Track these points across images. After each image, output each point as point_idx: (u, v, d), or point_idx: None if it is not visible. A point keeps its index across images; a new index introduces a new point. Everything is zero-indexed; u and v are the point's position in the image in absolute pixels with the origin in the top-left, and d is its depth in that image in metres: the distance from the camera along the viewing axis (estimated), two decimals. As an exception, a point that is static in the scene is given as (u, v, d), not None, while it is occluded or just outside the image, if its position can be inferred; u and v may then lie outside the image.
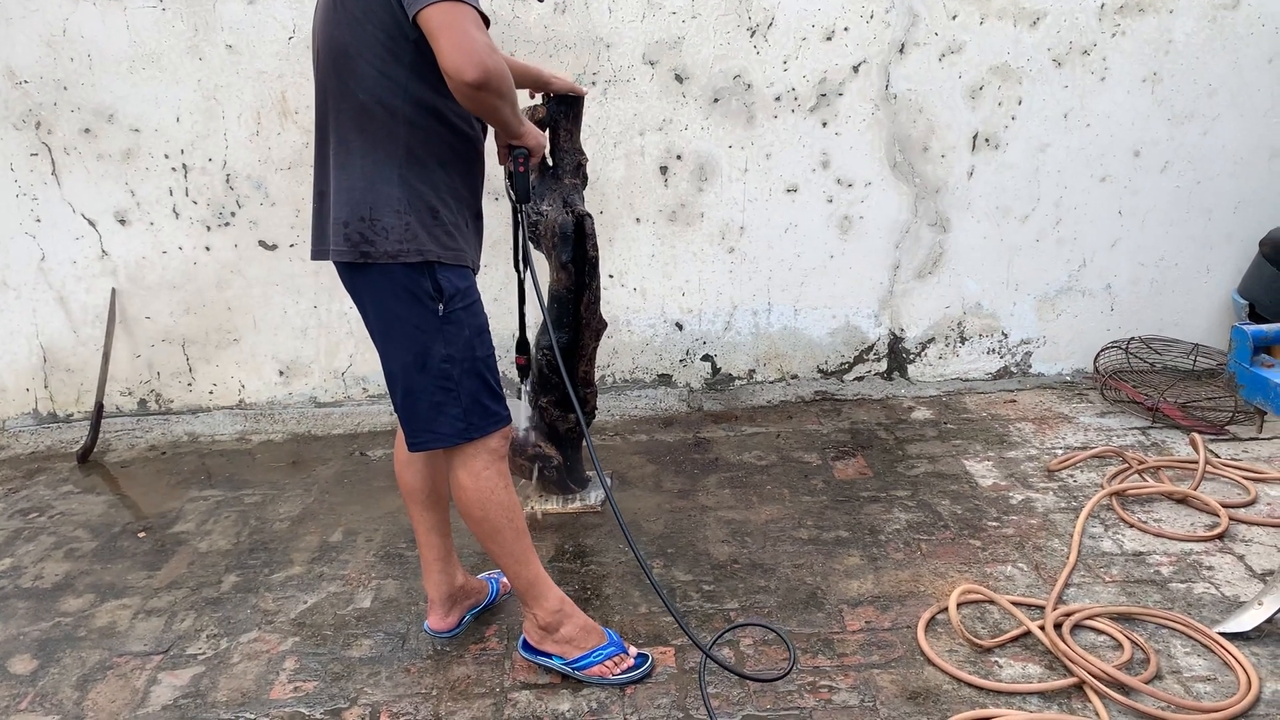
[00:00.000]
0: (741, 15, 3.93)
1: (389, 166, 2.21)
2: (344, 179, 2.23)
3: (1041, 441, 3.75)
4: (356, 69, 2.17)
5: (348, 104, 2.20)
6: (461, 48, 2.00)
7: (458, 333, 2.30)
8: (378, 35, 2.13)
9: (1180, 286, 4.30)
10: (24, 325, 4.20)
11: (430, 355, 2.28)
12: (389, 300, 2.26)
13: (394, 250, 2.21)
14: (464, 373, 2.32)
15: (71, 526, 3.49)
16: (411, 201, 2.22)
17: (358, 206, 2.20)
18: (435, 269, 2.24)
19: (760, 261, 4.23)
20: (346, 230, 2.21)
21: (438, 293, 2.26)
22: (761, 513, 3.32)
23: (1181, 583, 2.80)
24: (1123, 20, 3.97)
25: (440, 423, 2.34)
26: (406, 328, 2.27)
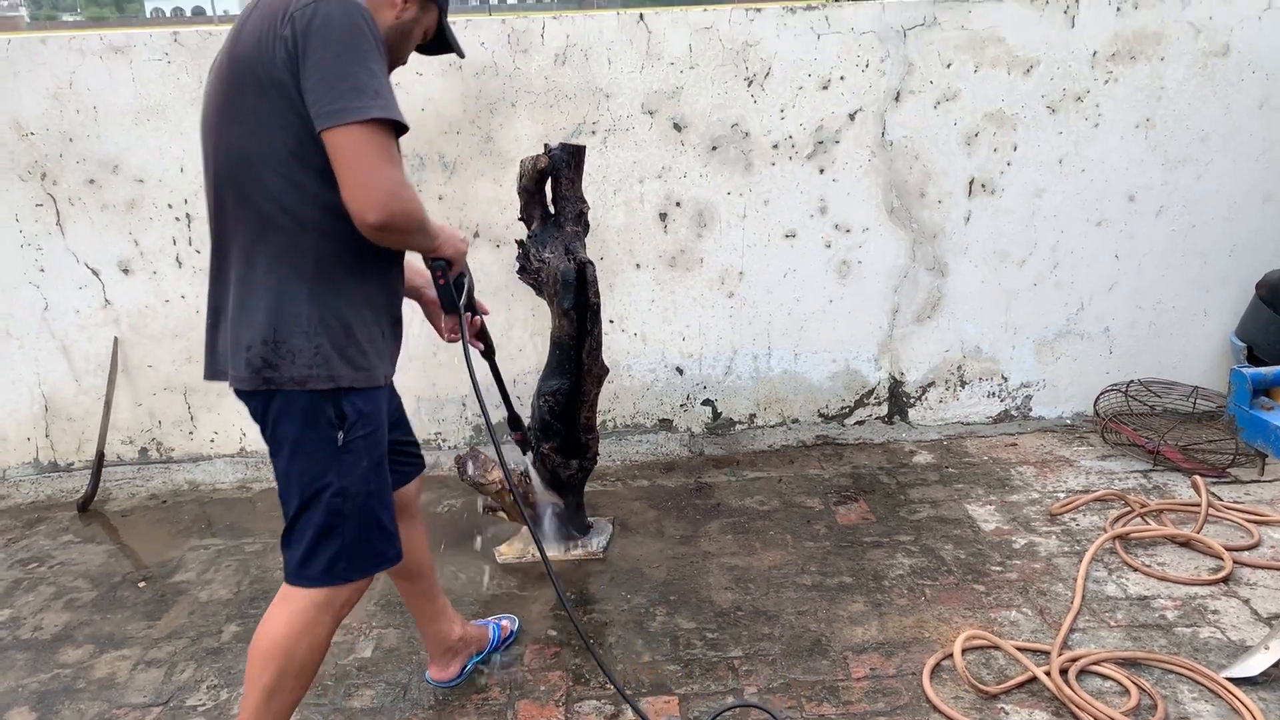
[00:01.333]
0: (739, 65, 3.99)
1: (296, 282, 1.98)
2: (244, 297, 2.00)
3: (1043, 485, 3.75)
4: (259, 176, 1.96)
5: (248, 213, 1.98)
6: (365, 186, 1.85)
7: (355, 464, 2.07)
8: (283, 139, 1.92)
9: (1178, 329, 4.32)
10: (26, 374, 4.21)
11: (322, 488, 2.05)
12: (284, 423, 2.03)
13: (301, 376, 1.98)
14: (355, 508, 2.09)
15: (71, 576, 3.48)
16: (323, 320, 2.00)
17: (260, 329, 1.98)
18: (342, 395, 2.03)
19: (760, 306, 4.25)
20: (248, 355, 1.98)
21: (339, 419, 2.04)
22: (764, 559, 3.31)
23: (1187, 627, 2.79)
24: (1115, 67, 4.02)
25: (316, 559, 2.08)
26: (299, 454, 2.04)
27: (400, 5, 2.10)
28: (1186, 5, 3.98)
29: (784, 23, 3.97)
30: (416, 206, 1.95)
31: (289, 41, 1.88)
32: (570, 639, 2.91)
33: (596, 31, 3.97)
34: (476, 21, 3.99)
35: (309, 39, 1.86)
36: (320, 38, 1.86)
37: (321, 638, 2.14)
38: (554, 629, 2.97)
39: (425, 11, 2.17)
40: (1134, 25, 3.99)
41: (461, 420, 4.34)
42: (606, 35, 3.96)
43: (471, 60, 3.94)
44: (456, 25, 3.95)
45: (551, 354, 3.25)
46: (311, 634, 2.11)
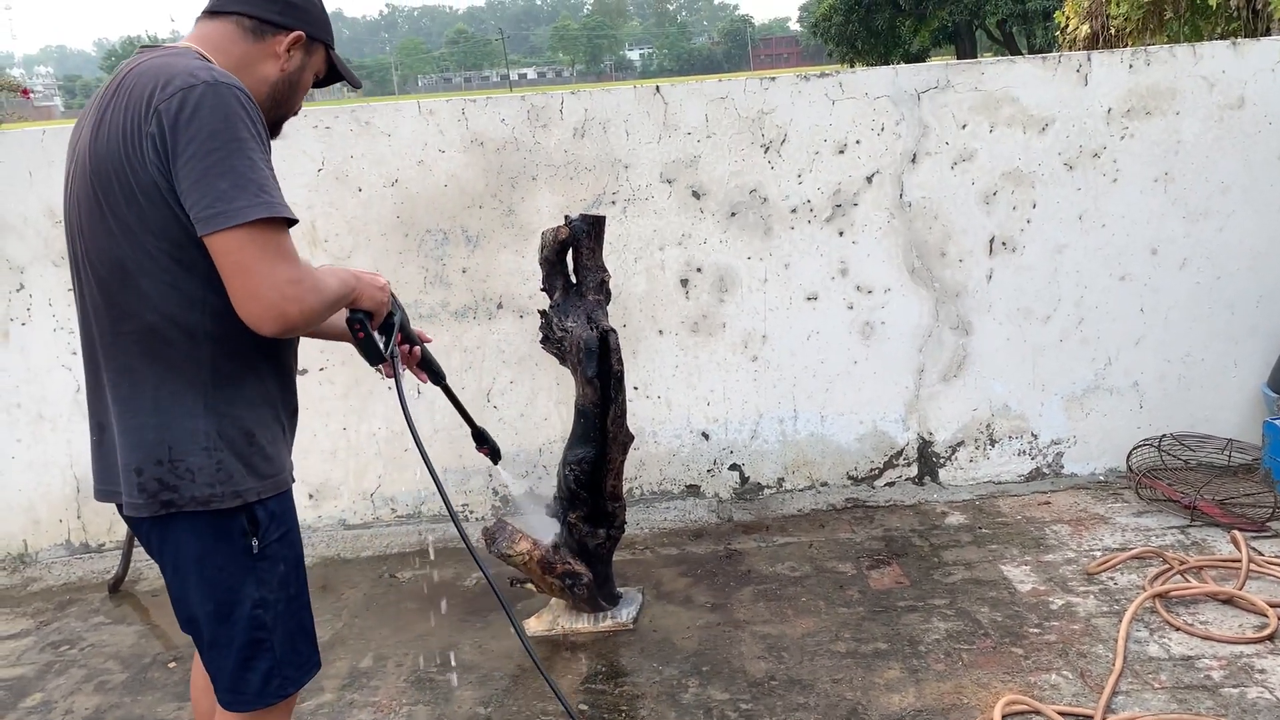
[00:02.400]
0: (755, 133, 4.04)
1: (191, 395, 1.82)
2: (130, 416, 1.83)
3: (1079, 543, 3.69)
4: (141, 288, 1.78)
5: (130, 325, 1.81)
6: (256, 297, 1.69)
7: (272, 570, 1.91)
8: (163, 247, 1.76)
9: (1208, 382, 4.28)
10: (59, 456, 4.25)
11: (240, 602, 1.88)
12: (191, 542, 1.85)
13: (204, 495, 1.81)
14: (278, 617, 1.93)
15: (102, 658, 3.47)
16: (223, 432, 1.84)
17: (152, 449, 1.81)
18: (253, 505, 1.87)
19: (784, 369, 4.25)
20: (140, 480, 1.81)
21: (252, 525, 1.87)
22: (797, 626, 3.27)
23: (1234, 687, 2.72)
24: (1130, 123, 4.05)
25: (248, 681, 1.92)
26: (208, 570, 1.86)
27: (283, 56, 1.96)
28: (1199, 60, 4.01)
29: (798, 90, 4.03)
30: (316, 297, 1.77)
31: (156, 140, 1.72)
32: (603, 713, 2.87)
33: (614, 105, 4.04)
34: (497, 99, 4.08)
35: (178, 135, 1.70)
36: (191, 132, 1.70)
37: None
38: (585, 703, 2.94)
39: (311, 54, 2.03)
40: (1147, 81, 4.02)
41: (488, 491, 4.34)
42: (624, 108, 4.04)
43: (493, 136, 4.02)
44: (477, 104, 4.05)
45: (576, 422, 3.25)
46: None
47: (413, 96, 11.13)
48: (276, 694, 1.95)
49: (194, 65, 1.78)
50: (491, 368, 4.20)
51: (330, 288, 1.83)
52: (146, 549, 1.95)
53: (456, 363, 4.19)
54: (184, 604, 1.92)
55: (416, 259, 4.13)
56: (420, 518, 4.36)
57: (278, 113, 2.02)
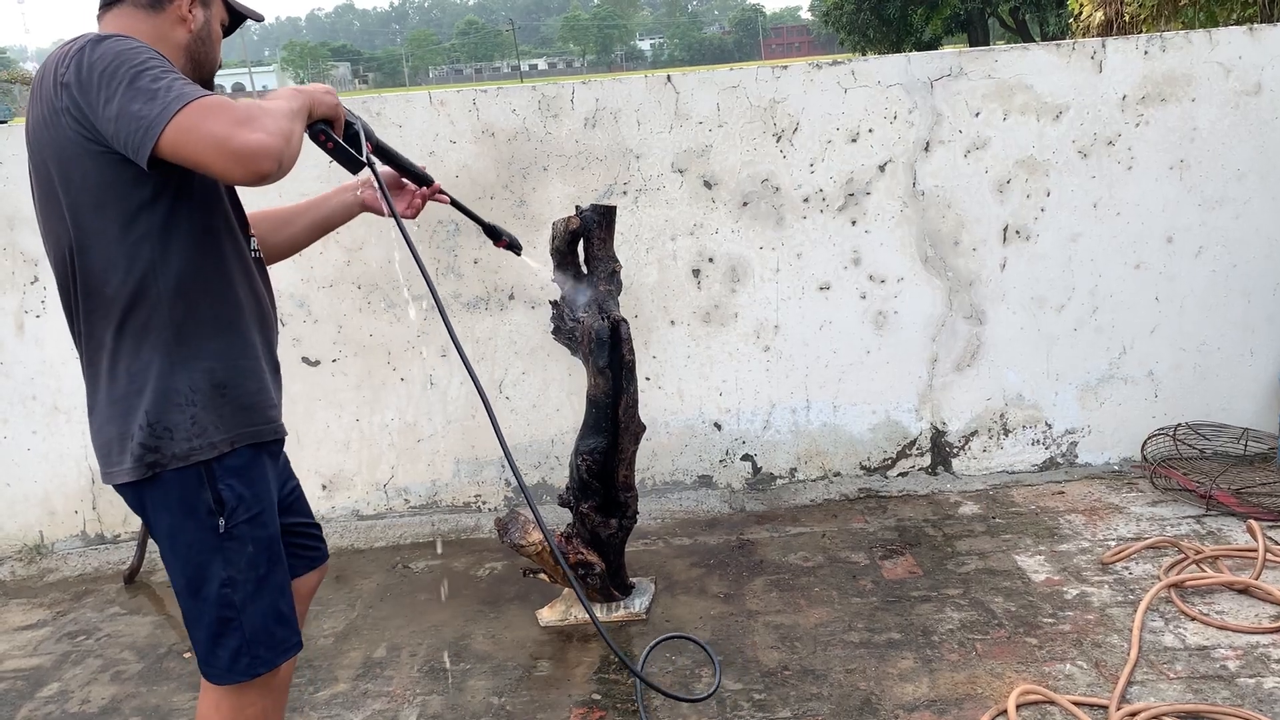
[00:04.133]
0: (767, 122, 4.03)
1: (160, 358, 1.90)
2: (111, 389, 1.92)
3: (1093, 533, 3.67)
4: (93, 264, 1.87)
5: (94, 303, 1.90)
6: (224, 150, 1.69)
7: (240, 550, 1.97)
8: (110, 216, 1.84)
9: (1224, 370, 4.25)
10: (74, 448, 4.28)
11: (208, 579, 1.95)
12: (163, 513, 1.95)
13: (184, 450, 1.90)
14: (248, 597, 1.98)
15: (118, 649, 3.49)
16: (194, 386, 1.92)
17: (131, 415, 1.90)
18: (217, 474, 1.93)
19: (796, 359, 4.24)
20: (125, 444, 1.90)
21: (218, 505, 1.94)
22: (810, 616, 3.26)
23: (1250, 677, 2.70)
24: (1145, 110, 4.01)
25: (218, 656, 1.99)
26: (179, 545, 1.95)
27: (187, 16, 2.00)
28: (1215, 46, 3.97)
29: (810, 79, 4.01)
30: (274, 119, 1.76)
31: (72, 109, 1.77)
32: (615, 702, 2.88)
33: (625, 95, 4.03)
34: (508, 89, 4.07)
35: (86, 93, 1.75)
36: (94, 83, 1.75)
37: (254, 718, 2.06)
38: (597, 693, 2.94)
39: (210, 5, 2.06)
40: (1163, 68, 3.99)
41: (500, 482, 4.34)
42: (635, 98, 4.02)
43: (504, 127, 4.01)
44: (488, 95, 4.04)
45: (588, 413, 3.25)
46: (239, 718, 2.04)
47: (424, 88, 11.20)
48: (245, 672, 2.01)
49: (83, 37, 1.84)
50: (503, 359, 4.20)
51: (280, 107, 1.83)
52: (138, 513, 2.02)
53: (468, 354, 4.18)
54: (170, 576, 2.01)
55: (428, 250, 4.13)
56: (433, 508, 4.36)
57: (201, 73, 2.05)
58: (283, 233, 2.40)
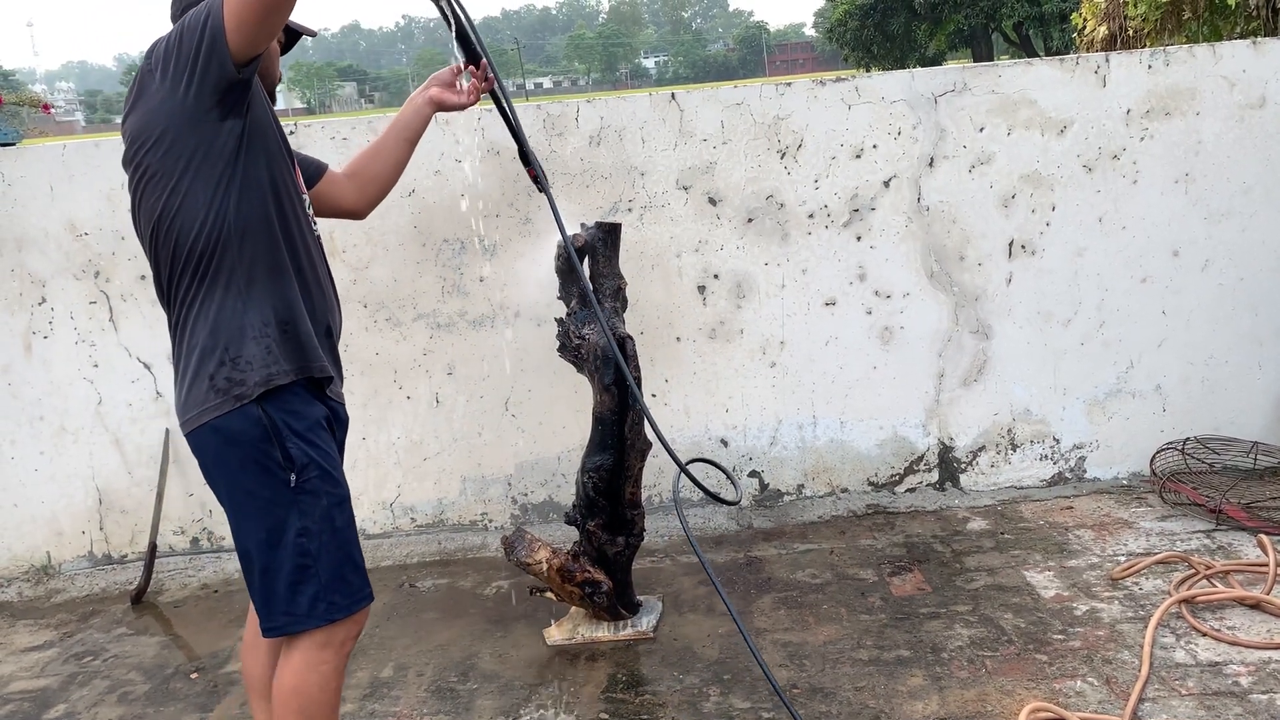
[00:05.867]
0: (771, 139, 4.04)
1: (234, 299, 2.13)
2: (193, 339, 2.14)
3: (1102, 549, 3.65)
4: (184, 223, 2.10)
5: (185, 260, 2.13)
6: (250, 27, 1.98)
7: (314, 503, 2.16)
8: (202, 174, 2.09)
9: (1232, 384, 4.23)
10: (81, 468, 4.28)
11: (285, 529, 2.13)
12: (237, 474, 2.14)
13: (263, 377, 2.11)
14: (323, 546, 2.16)
15: (125, 669, 3.49)
16: (265, 320, 2.15)
17: (214, 354, 2.12)
18: (286, 437, 2.13)
19: (803, 375, 4.24)
20: (214, 382, 2.11)
21: (288, 461, 2.13)
22: (819, 633, 3.25)
23: (1263, 693, 2.68)
24: (1150, 124, 4.01)
25: (298, 603, 2.15)
26: (257, 502, 2.14)
27: None
28: (1219, 60, 3.98)
29: (814, 95, 4.02)
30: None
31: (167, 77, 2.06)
32: (623, 721, 2.86)
33: (629, 112, 4.04)
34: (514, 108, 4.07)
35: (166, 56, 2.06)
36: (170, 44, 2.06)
37: (329, 674, 2.21)
38: (605, 712, 2.93)
39: None
40: (1167, 82, 3.99)
41: (507, 500, 4.34)
42: (640, 115, 4.04)
43: (509, 145, 4.01)
44: (493, 113, 4.04)
45: (594, 430, 3.25)
46: (316, 673, 2.19)
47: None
48: (323, 616, 2.16)
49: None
50: (510, 377, 4.20)
51: None
52: (201, 464, 2.19)
53: (475, 371, 4.19)
54: (239, 535, 2.18)
55: (434, 268, 4.14)
56: (440, 527, 4.36)
57: (266, 86, 2.30)
58: (378, 163, 2.72)
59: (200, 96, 2.05)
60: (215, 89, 2.05)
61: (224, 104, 2.08)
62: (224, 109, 2.08)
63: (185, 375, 2.17)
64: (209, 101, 2.06)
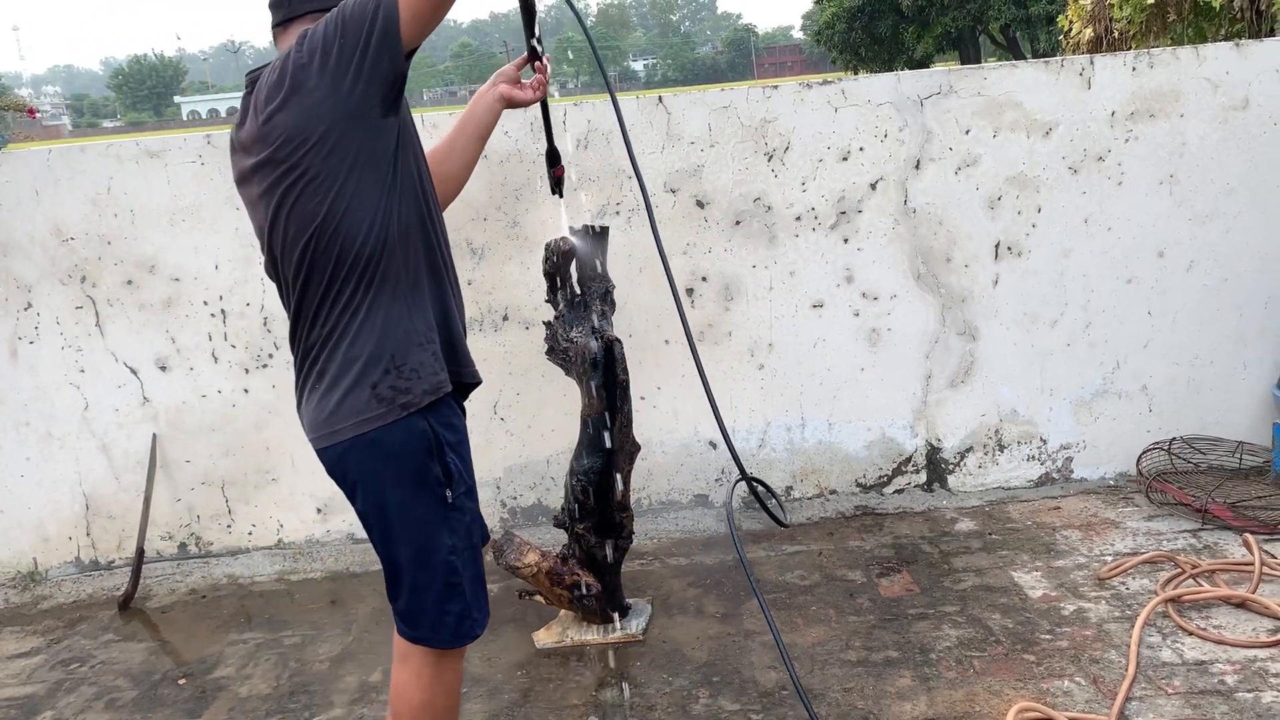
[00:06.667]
0: (758, 142, 4.04)
1: (399, 304, 2.08)
2: (353, 347, 2.07)
3: (1090, 549, 3.67)
4: (349, 226, 2.03)
5: (349, 265, 2.05)
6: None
7: (460, 520, 2.16)
8: (367, 176, 2.03)
9: (1218, 384, 4.26)
10: (68, 474, 4.26)
11: (436, 547, 2.13)
12: (392, 488, 2.09)
13: (432, 385, 2.08)
14: (465, 563, 2.17)
15: (112, 676, 3.47)
16: (429, 324, 2.13)
17: (378, 363, 2.05)
18: (444, 448, 2.11)
19: (791, 377, 4.24)
20: (377, 390, 2.05)
21: (446, 477, 2.11)
22: (807, 635, 3.25)
23: (1248, 692, 2.69)
24: (1134, 126, 4.03)
25: (444, 621, 2.17)
26: (411, 518, 2.11)
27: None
28: (1202, 62, 4.00)
29: (801, 98, 4.03)
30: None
31: (313, 71, 1.98)
32: (612, 724, 2.86)
33: (617, 115, 4.03)
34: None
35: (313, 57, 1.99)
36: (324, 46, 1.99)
37: (453, 681, 2.26)
38: (594, 715, 2.93)
39: None
40: (1151, 84, 4.01)
41: (496, 503, 4.33)
42: (627, 119, 4.03)
43: (496, 149, 4.02)
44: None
45: (583, 433, 3.25)
46: (443, 681, 2.23)
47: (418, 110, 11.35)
48: (467, 634, 2.20)
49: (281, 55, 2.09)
50: (498, 380, 4.20)
51: None
52: (340, 479, 2.15)
53: (463, 375, 4.18)
54: (389, 549, 2.16)
55: (422, 272, 4.13)
56: (429, 531, 4.34)
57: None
58: (451, 161, 2.60)
59: (368, 92, 1.99)
60: (384, 84, 1.99)
61: (386, 100, 2.02)
62: (385, 105, 2.02)
63: (338, 385, 2.08)
64: (375, 98, 2.00)
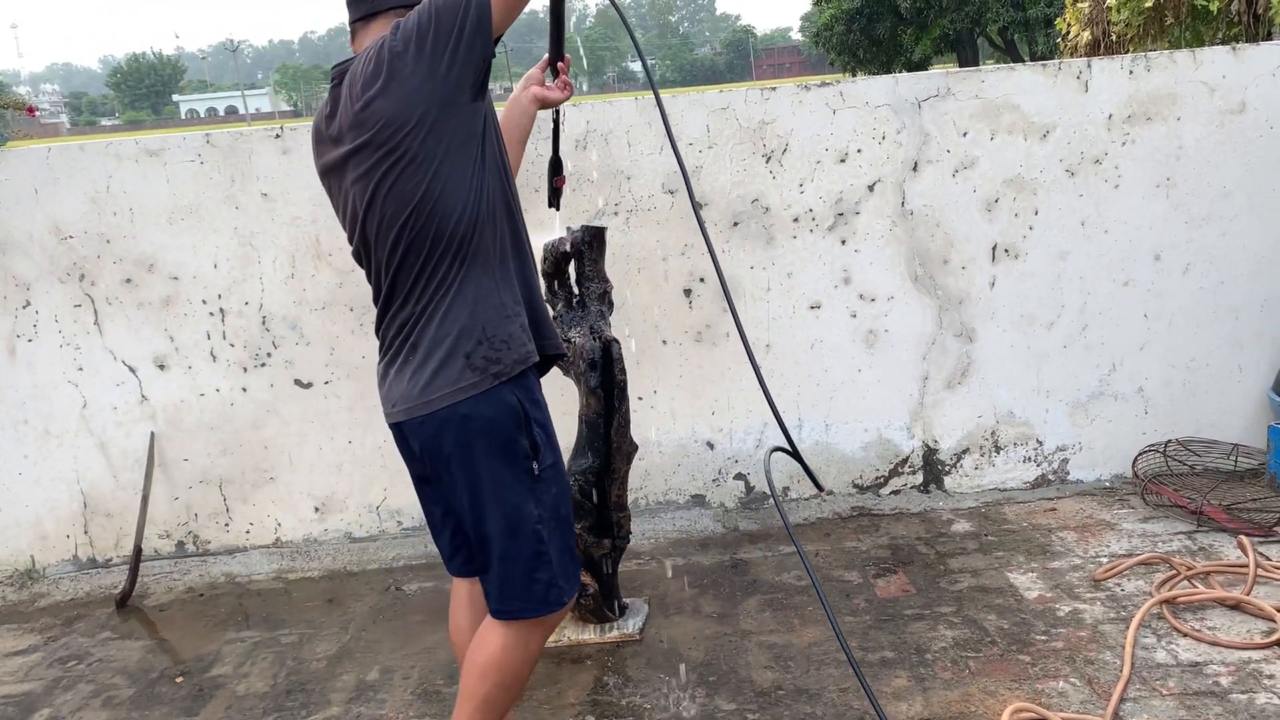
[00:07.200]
0: (756, 143, 4.05)
1: (488, 277, 2.17)
2: (445, 323, 2.16)
3: (1085, 550, 3.68)
4: (447, 206, 2.12)
5: (446, 243, 2.14)
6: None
7: (546, 492, 2.25)
8: (460, 158, 2.11)
9: (1213, 387, 4.27)
10: (66, 472, 4.27)
11: (524, 518, 2.21)
12: (482, 460, 2.18)
13: (521, 355, 2.18)
14: (552, 534, 2.25)
15: (110, 674, 3.48)
16: (515, 299, 2.21)
17: (470, 335, 2.15)
18: (531, 422, 2.20)
19: (788, 377, 4.25)
20: (470, 360, 2.14)
21: (533, 450, 2.21)
22: (804, 635, 3.26)
23: (1242, 693, 2.71)
24: (1131, 129, 4.05)
25: (533, 591, 2.25)
26: (500, 489, 2.20)
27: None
28: (1199, 65, 4.01)
29: (799, 100, 4.04)
30: None
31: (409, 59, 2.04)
32: (609, 723, 2.87)
33: (615, 117, 4.05)
34: (498, 111, 4.08)
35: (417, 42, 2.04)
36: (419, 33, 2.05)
37: (534, 651, 2.32)
38: (590, 714, 2.93)
39: None
40: (1148, 88, 4.02)
41: (494, 503, 4.33)
42: (626, 120, 4.05)
43: (494, 149, 4.02)
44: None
45: (580, 433, 3.26)
46: (524, 649, 2.29)
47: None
48: (555, 602, 2.27)
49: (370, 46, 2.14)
50: (496, 379, 4.20)
51: None
52: (439, 472, 2.25)
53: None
54: (479, 522, 2.23)
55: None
56: (426, 530, 4.34)
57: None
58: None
59: (462, 77, 2.07)
60: (475, 69, 2.07)
61: (476, 84, 2.10)
62: (475, 89, 2.10)
63: (432, 357, 2.17)
64: (467, 82, 2.08)
